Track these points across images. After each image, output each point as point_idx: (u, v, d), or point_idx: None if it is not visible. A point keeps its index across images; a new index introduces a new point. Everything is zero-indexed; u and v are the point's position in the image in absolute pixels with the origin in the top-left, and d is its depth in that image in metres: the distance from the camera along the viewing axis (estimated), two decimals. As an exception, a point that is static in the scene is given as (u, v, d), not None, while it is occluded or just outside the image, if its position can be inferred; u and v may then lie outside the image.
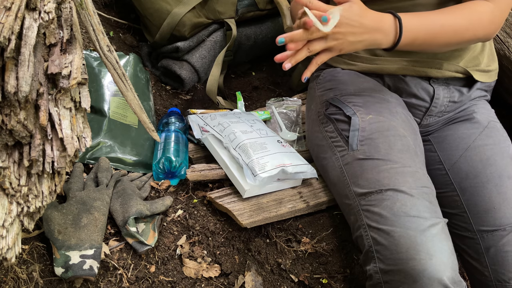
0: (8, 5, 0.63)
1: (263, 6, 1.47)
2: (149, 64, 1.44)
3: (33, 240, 0.84)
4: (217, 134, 1.10)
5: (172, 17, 1.31)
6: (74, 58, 0.72)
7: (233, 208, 0.99)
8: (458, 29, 0.89)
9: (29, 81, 0.62)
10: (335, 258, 1.03)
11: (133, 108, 0.83)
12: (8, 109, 0.63)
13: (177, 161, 1.06)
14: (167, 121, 1.19)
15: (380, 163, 0.88)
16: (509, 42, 1.26)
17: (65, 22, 0.76)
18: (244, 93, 1.53)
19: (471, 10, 0.89)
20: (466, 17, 0.89)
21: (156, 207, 0.96)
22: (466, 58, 1.02)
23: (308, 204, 1.04)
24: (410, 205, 0.81)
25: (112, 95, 1.13)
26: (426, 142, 1.08)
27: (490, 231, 0.92)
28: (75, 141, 0.68)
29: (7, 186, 0.64)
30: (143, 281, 0.88)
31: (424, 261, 0.75)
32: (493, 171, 0.95)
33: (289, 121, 1.29)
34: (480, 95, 1.09)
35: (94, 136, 1.05)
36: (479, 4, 0.90)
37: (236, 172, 1.03)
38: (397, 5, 0.96)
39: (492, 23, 0.91)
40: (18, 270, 0.78)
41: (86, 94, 0.74)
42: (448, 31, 0.88)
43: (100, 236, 0.86)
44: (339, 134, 0.98)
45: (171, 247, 0.95)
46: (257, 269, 1.00)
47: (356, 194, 0.89)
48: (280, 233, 1.04)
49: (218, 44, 1.43)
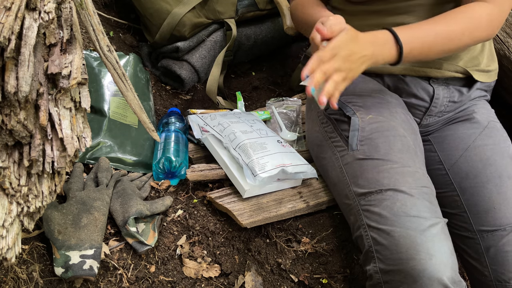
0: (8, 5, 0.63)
1: (263, 6, 1.47)
2: (149, 64, 1.44)
3: (33, 240, 0.84)
4: (217, 134, 1.10)
5: (172, 17, 1.31)
6: (74, 58, 0.72)
7: (233, 208, 0.99)
8: (453, 36, 0.88)
9: (29, 81, 0.62)
10: (335, 258, 1.03)
11: (133, 108, 0.83)
12: (8, 109, 0.63)
13: (177, 161, 1.06)
14: (167, 121, 1.19)
15: (380, 163, 0.88)
16: (509, 42, 1.26)
17: (65, 22, 0.76)
18: (244, 93, 1.53)
19: (465, 15, 0.88)
20: (460, 22, 0.88)
21: (156, 207, 0.96)
22: (465, 58, 1.02)
23: (308, 204, 1.04)
24: (410, 205, 0.81)
25: (112, 95, 1.13)
26: (426, 142, 1.08)
27: (490, 231, 0.92)
28: (75, 141, 0.68)
29: (7, 186, 0.64)
30: (143, 281, 0.88)
31: (424, 261, 0.75)
32: (493, 171, 0.95)
33: (289, 121, 1.29)
34: (480, 95, 1.09)
35: (94, 136, 1.05)
36: (476, 7, 0.89)
37: (236, 172, 1.03)
38: (397, 5, 0.96)
39: (490, 24, 0.91)
40: (18, 270, 0.78)
41: (86, 94, 0.74)
42: (443, 39, 0.87)
43: (100, 236, 0.86)
44: (339, 134, 0.98)
45: (171, 247, 0.95)
46: (257, 269, 1.00)
47: (356, 194, 0.89)
48: (280, 233, 1.04)
49: (218, 44, 1.43)
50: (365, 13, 1.00)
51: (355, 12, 1.02)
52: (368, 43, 0.83)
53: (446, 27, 0.87)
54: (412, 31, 0.86)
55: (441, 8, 0.94)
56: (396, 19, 0.96)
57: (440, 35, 0.87)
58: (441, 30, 0.87)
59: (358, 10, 1.01)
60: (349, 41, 0.80)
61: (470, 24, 0.88)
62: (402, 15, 0.96)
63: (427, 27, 0.87)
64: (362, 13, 1.01)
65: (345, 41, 0.79)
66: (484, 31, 0.91)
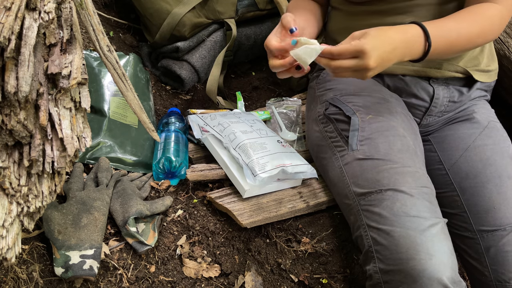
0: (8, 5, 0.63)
1: (263, 6, 1.47)
2: (149, 64, 1.44)
3: (33, 240, 0.84)
4: (217, 134, 1.10)
5: (172, 17, 1.31)
6: (74, 58, 0.72)
7: (233, 208, 0.99)
8: (472, 37, 0.88)
9: (29, 81, 0.62)
10: (335, 258, 1.03)
11: (133, 108, 0.83)
12: (8, 109, 0.63)
13: (177, 161, 1.06)
14: (167, 121, 1.19)
15: (380, 163, 0.88)
16: (509, 42, 1.26)
17: (65, 22, 0.76)
18: (244, 93, 1.53)
19: (482, 16, 0.88)
20: (478, 24, 0.88)
21: (156, 207, 0.96)
22: (465, 58, 1.02)
23: (308, 204, 1.04)
24: (410, 205, 0.81)
25: (112, 95, 1.13)
26: (426, 142, 1.08)
27: (490, 231, 0.92)
28: (75, 141, 0.68)
29: (7, 186, 0.64)
30: (143, 281, 0.88)
31: (424, 261, 0.75)
32: (493, 171, 0.95)
33: (289, 121, 1.29)
34: (480, 95, 1.09)
35: (94, 136, 1.05)
36: (488, 8, 0.89)
37: (236, 172, 1.03)
38: (397, 5, 0.96)
39: (500, 25, 0.91)
40: (18, 270, 0.78)
41: (86, 94, 0.74)
42: (463, 40, 0.87)
43: (100, 236, 0.86)
44: (339, 134, 0.98)
45: (171, 247, 0.95)
46: (257, 269, 1.00)
47: (355, 194, 0.89)
48: (280, 233, 1.04)
49: (218, 44, 1.43)
50: (365, 13, 1.00)
51: (354, 12, 1.02)
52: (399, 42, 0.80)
53: (467, 28, 0.87)
54: (438, 28, 0.84)
55: (441, 8, 0.94)
56: (396, 19, 0.96)
57: (461, 36, 0.87)
58: (463, 30, 0.87)
59: (357, 11, 1.01)
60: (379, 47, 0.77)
61: (486, 26, 0.88)
62: (401, 15, 0.96)
63: (451, 25, 0.86)
64: (362, 13, 1.01)
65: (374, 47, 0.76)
66: (495, 32, 0.91)
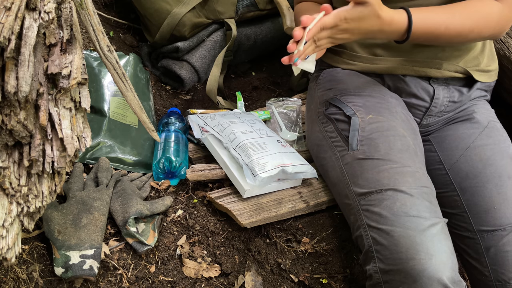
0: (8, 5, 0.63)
1: (263, 6, 1.47)
2: (149, 64, 1.44)
3: (33, 240, 0.84)
4: (217, 134, 1.10)
5: (172, 17, 1.31)
6: (74, 58, 0.72)
7: (233, 208, 0.99)
8: (462, 31, 0.88)
9: (29, 81, 0.62)
10: (335, 258, 1.03)
11: (133, 108, 0.83)
12: (8, 109, 0.63)
13: (177, 161, 1.06)
14: (167, 121, 1.19)
15: (380, 163, 0.88)
16: (509, 42, 1.26)
17: (65, 22, 0.76)
18: (244, 93, 1.53)
19: (478, 12, 0.88)
20: (472, 18, 0.88)
21: (156, 207, 0.96)
22: (466, 58, 1.02)
23: (308, 204, 1.04)
24: (410, 205, 0.81)
25: (112, 95, 1.13)
26: (426, 142, 1.08)
27: (490, 231, 0.92)
28: (75, 141, 0.68)
29: (7, 186, 0.64)
30: (143, 281, 0.89)
31: (424, 261, 0.75)
32: (493, 171, 0.95)
33: (289, 121, 1.29)
34: (480, 95, 1.09)
35: (94, 136, 1.05)
36: (487, 4, 0.89)
37: (236, 172, 1.03)
38: (397, 5, 0.96)
39: (499, 23, 0.91)
40: (18, 270, 0.78)
41: (86, 94, 0.74)
42: (451, 33, 0.88)
43: (100, 236, 0.86)
44: (339, 134, 0.98)
45: (171, 247, 0.95)
46: (257, 269, 1.00)
47: (356, 194, 0.89)
48: (280, 233, 1.04)
49: (218, 44, 1.43)
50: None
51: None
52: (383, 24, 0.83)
53: (458, 22, 0.88)
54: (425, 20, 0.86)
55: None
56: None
57: (450, 29, 0.88)
58: (453, 24, 0.87)
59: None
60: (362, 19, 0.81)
61: (481, 22, 0.89)
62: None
63: (442, 17, 0.87)
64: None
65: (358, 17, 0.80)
66: (491, 29, 0.91)
